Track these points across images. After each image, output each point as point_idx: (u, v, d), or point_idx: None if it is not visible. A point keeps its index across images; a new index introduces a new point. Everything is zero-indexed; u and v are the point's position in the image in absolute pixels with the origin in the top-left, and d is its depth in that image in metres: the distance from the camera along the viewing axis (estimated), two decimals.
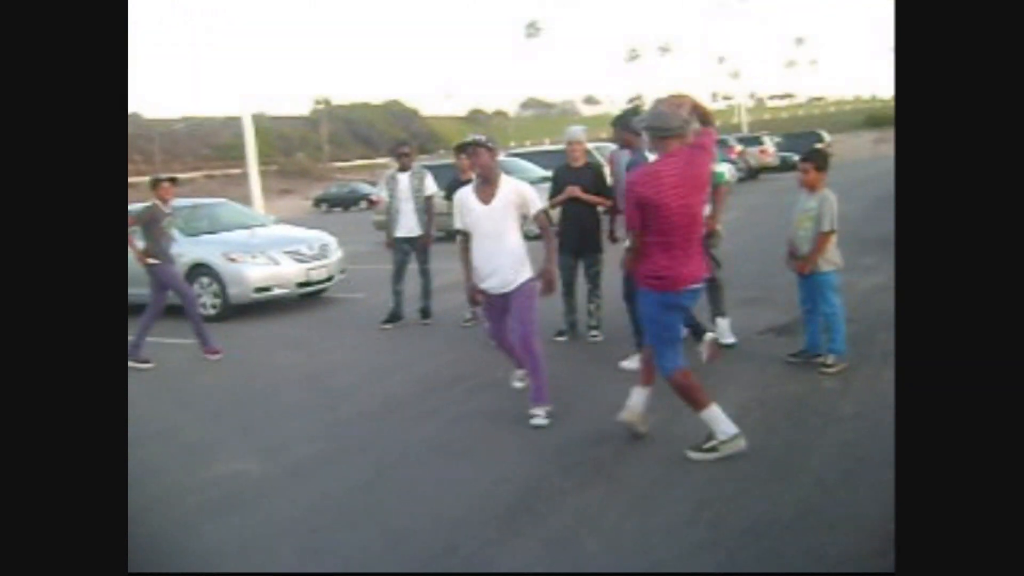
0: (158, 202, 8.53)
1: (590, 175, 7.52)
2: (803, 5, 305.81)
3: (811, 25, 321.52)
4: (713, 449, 4.57)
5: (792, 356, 6.28)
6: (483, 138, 5.74)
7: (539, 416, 5.45)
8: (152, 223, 8.45)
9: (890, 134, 57.80)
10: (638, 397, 4.95)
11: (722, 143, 31.24)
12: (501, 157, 21.08)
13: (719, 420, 4.61)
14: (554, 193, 7.58)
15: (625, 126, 6.62)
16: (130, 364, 8.28)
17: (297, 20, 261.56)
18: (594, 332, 7.52)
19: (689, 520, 3.93)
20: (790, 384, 5.77)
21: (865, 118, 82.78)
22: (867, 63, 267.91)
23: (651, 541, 3.76)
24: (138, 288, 10.53)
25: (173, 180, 8.92)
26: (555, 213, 7.41)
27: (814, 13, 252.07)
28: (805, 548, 3.56)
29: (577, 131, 7.74)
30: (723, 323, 7.02)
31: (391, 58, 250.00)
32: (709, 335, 6.04)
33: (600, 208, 7.51)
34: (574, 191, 7.33)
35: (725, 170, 7.28)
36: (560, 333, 7.58)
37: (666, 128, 4.39)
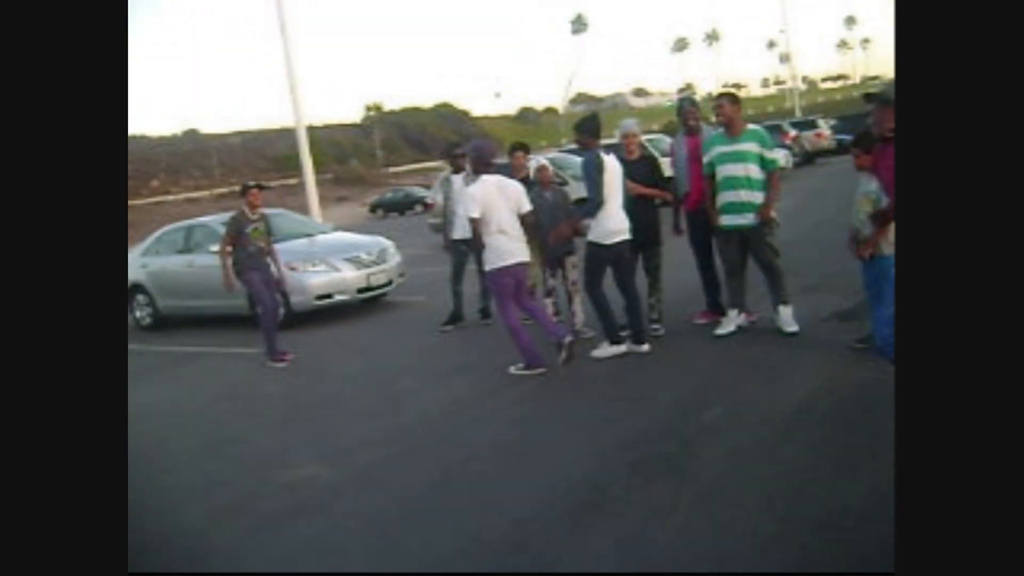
0: (245, 209, 8.70)
1: (646, 168, 7.47)
2: None
3: (861, 3, 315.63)
4: None
5: (858, 342, 6.15)
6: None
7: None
8: (238, 230, 8.62)
9: None
10: None
11: (776, 128, 30.84)
12: (553, 153, 21.00)
13: None
14: None
15: (583, 131, 7.02)
16: (271, 364, 8.64)
17: (345, 28, 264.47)
18: (655, 326, 7.47)
19: (760, 513, 3.88)
20: (858, 371, 5.67)
21: None
22: None
23: (721, 536, 3.73)
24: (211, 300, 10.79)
25: (261, 187, 9.06)
26: None
27: None
28: (878, 538, 3.49)
29: (631, 124, 7.69)
30: (785, 311, 6.93)
31: (440, 61, 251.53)
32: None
33: (657, 200, 7.48)
34: (629, 187, 7.28)
35: (779, 156, 7.18)
36: (621, 328, 7.54)
37: None
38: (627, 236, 6.98)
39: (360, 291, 11.03)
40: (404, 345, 9.08)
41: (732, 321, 7.19)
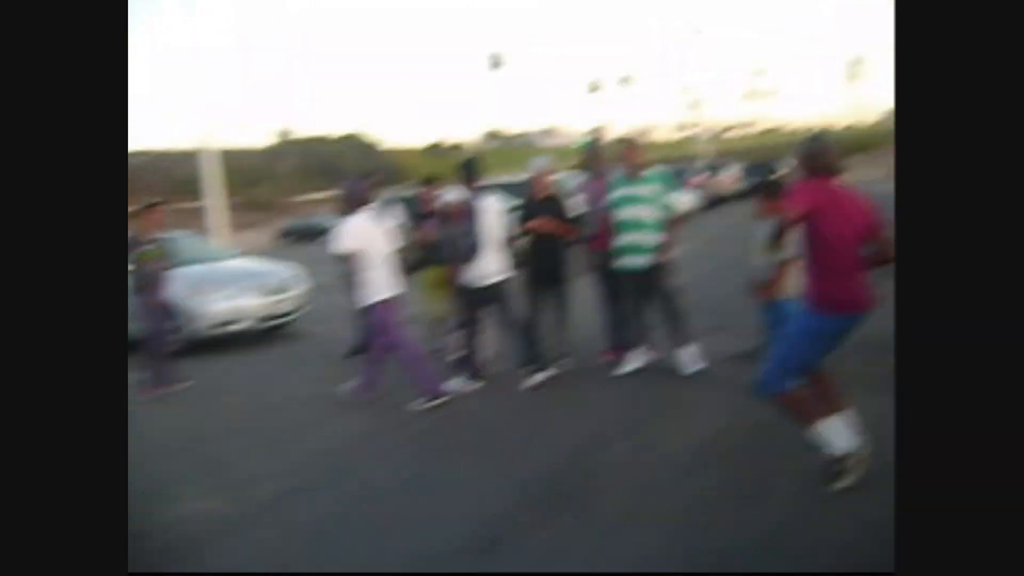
0: (139, 228, 8.33)
1: (554, 206, 7.55)
2: (761, 37, 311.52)
3: (770, 56, 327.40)
4: (848, 467, 4.30)
5: None
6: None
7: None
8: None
9: (848, 161, 58.31)
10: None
11: (685, 172, 31.58)
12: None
13: (838, 433, 4.37)
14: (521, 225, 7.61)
15: (463, 172, 7.39)
16: (153, 393, 8.26)
17: (257, 53, 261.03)
18: (563, 362, 7.50)
19: (661, 551, 3.92)
20: (758, 410, 5.76)
21: None
22: (824, 93, 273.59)
23: (622, 573, 3.74)
24: None
25: (154, 206, 8.67)
26: (522, 244, 7.51)
27: (772, 44, 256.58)
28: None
29: (542, 162, 7.78)
30: (685, 352, 7.05)
31: (351, 90, 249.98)
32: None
33: (564, 239, 7.57)
34: (537, 224, 7.32)
35: (679, 200, 7.36)
36: (524, 365, 7.56)
37: None
38: (503, 277, 7.20)
39: (263, 319, 10.81)
40: (306, 375, 8.91)
41: (636, 359, 7.27)
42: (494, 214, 7.17)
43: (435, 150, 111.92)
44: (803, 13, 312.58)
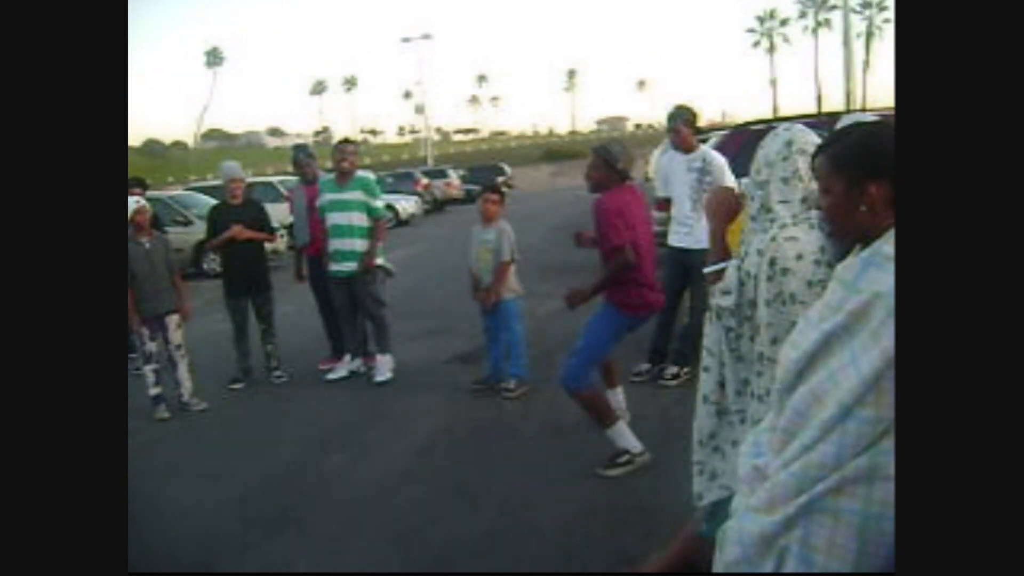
0: None
1: (252, 212, 7.29)
2: (485, 43, 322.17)
3: (493, 63, 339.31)
4: (629, 462, 4.51)
5: (476, 383, 6.41)
6: None
7: None
8: None
9: (567, 166, 61.59)
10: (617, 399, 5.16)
11: (408, 176, 32.01)
12: (178, 191, 19.98)
13: (626, 436, 4.59)
14: (214, 233, 7.27)
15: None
16: None
17: None
18: (277, 373, 7.25)
19: (382, 555, 3.88)
20: (476, 410, 5.89)
21: (543, 152, 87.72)
22: (544, 100, 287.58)
23: None
24: None
25: None
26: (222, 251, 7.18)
27: (495, 51, 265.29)
28: (492, 571, 3.61)
29: (234, 168, 7.39)
30: (383, 360, 6.98)
31: None
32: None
33: (268, 245, 7.36)
34: (234, 232, 7.01)
35: (382, 204, 7.25)
36: (235, 380, 7.21)
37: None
38: None
39: None
40: None
41: (346, 366, 7.16)
42: None
43: (152, 148, 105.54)
44: (525, 23, 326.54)
